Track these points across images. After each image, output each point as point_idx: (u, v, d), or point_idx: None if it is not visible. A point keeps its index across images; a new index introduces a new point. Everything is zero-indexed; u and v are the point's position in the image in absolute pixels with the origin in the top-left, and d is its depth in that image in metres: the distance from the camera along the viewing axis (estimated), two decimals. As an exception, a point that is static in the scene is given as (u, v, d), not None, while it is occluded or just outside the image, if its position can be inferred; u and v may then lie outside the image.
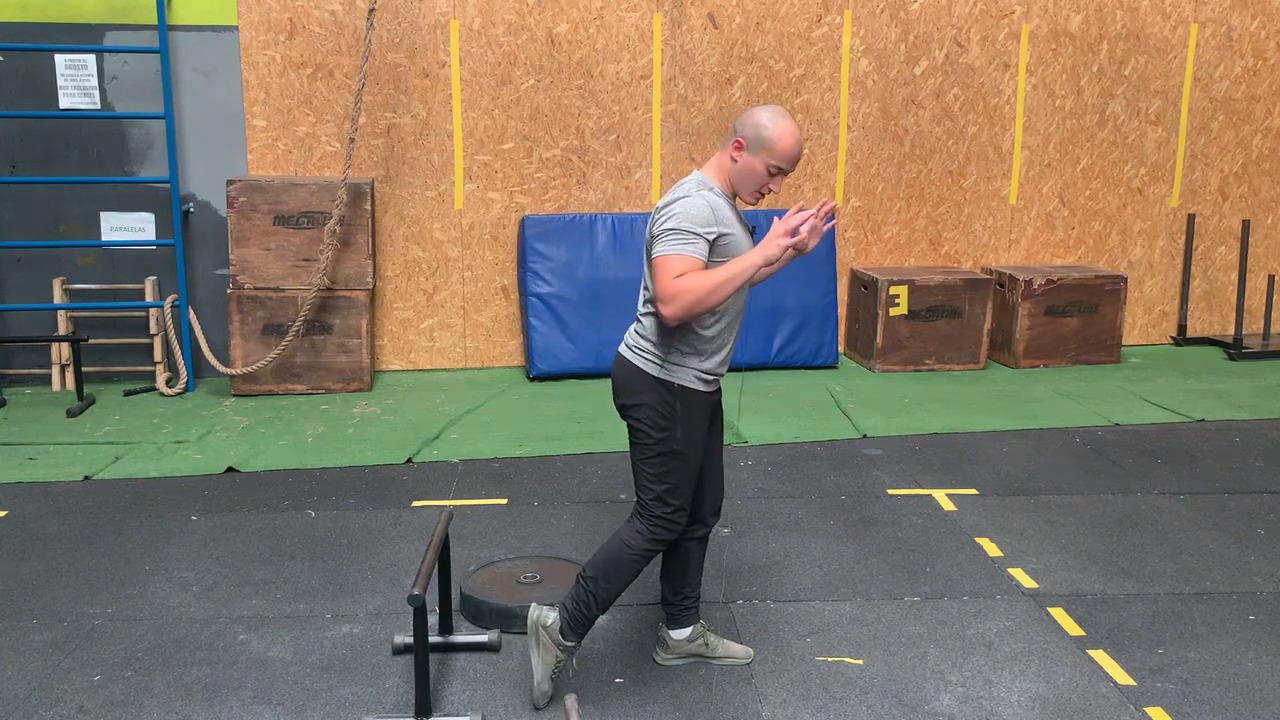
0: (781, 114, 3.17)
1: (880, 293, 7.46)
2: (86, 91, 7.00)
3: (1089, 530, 4.78)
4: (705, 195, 3.14)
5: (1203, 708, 3.40)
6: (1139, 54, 8.04)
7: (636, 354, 3.28)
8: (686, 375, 3.24)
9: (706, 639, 3.64)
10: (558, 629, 3.35)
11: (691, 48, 7.51)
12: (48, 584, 4.24)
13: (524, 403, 6.81)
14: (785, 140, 3.13)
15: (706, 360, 3.26)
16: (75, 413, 6.51)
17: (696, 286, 3.01)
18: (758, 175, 3.17)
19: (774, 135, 3.12)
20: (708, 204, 3.11)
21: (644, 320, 3.28)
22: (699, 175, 3.24)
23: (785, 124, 3.14)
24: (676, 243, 3.06)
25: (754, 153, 3.15)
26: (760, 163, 3.15)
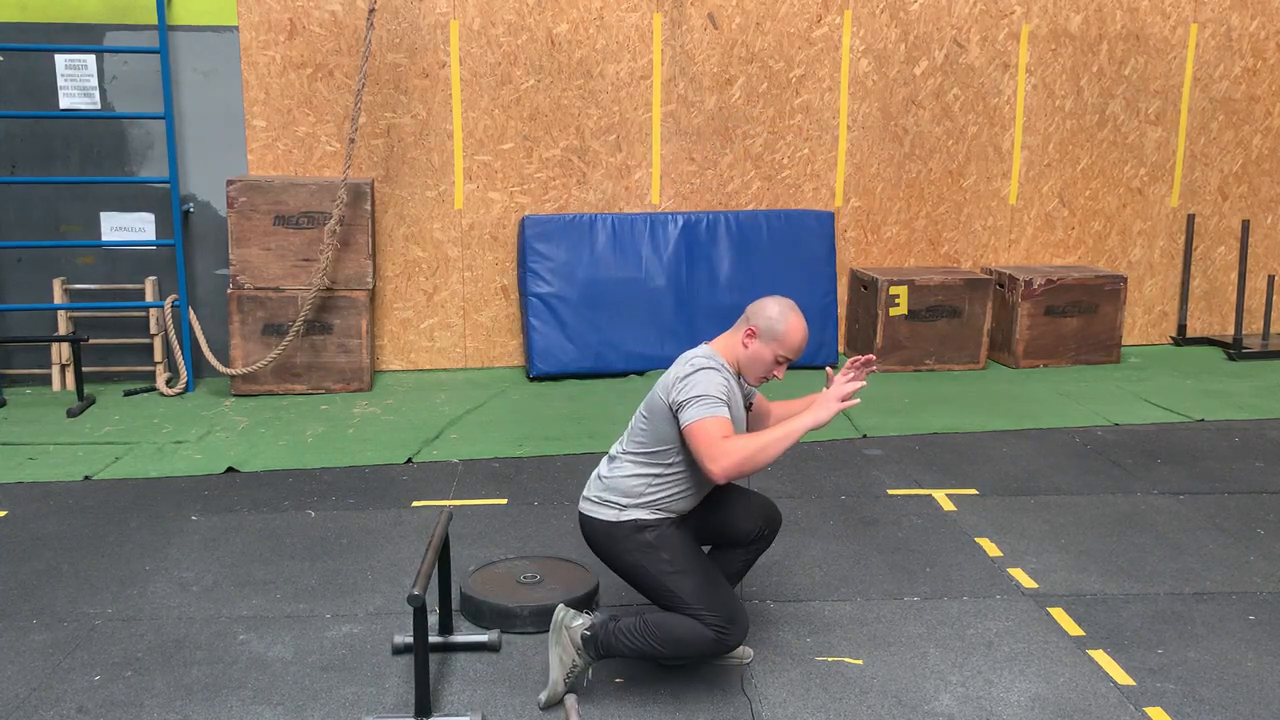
0: (791, 307, 3.40)
1: (880, 293, 7.46)
2: (86, 91, 7.00)
3: (1089, 530, 4.78)
4: (720, 371, 3.33)
5: (1203, 708, 3.40)
6: (1139, 54, 8.04)
7: (603, 507, 3.44)
8: (644, 513, 3.39)
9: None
10: (580, 635, 3.36)
11: (691, 48, 7.51)
12: (48, 584, 4.24)
13: (524, 403, 6.81)
14: (795, 335, 3.38)
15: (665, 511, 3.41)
16: (75, 413, 6.51)
17: (746, 445, 3.19)
18: (765, 363, 3.38)
19: (784, 330, 3.36)
20: (724, 379, 3.31)
21: (614, 465, 3.45)
22: (708, 349, 3.42)
23: (795, 318, 3.38)
24: (708, 406, 3.23)
25: (765, 342, 3.37)
26: (770, 352, 3.37)
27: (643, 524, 3.38)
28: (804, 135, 7.76)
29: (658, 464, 3.37)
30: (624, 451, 3.46)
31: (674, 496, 3.41)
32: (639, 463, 3.40)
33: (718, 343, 3.46)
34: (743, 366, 3.42)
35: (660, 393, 3.36)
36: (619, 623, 3.36)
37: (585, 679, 3.42)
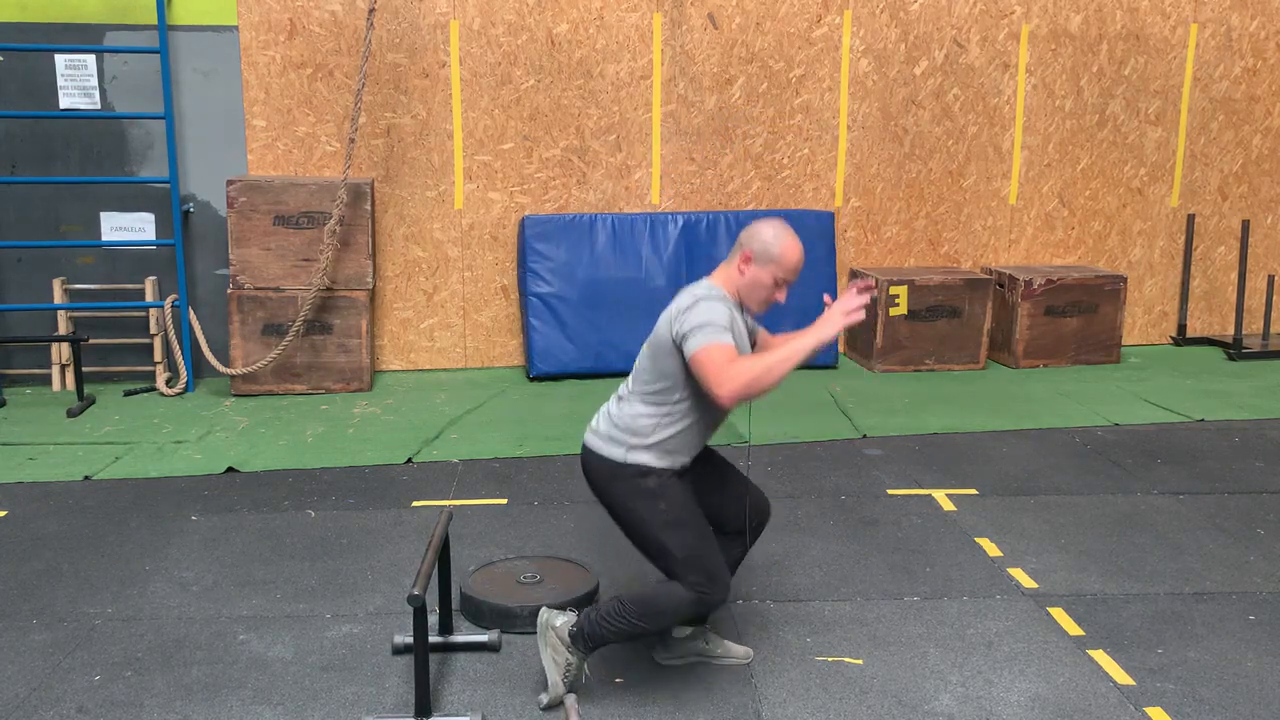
0: (784, 228, 3.35)
1: (880, 293, 7.46)
2: (86, 91, 7.00)
3: (1089, 530, 4.78)
4: (721, 299, 3.29)
5: (1203, 708, 3.40)
6: (1139, 54, 8.04)
7: (608, 443, 3.40)
8: (657, 459, 3.34)
9: (706, 638, 3.64)
10: (566, 631, 3.35)
11: (691, 48, 7.51)
12: (48, 584, 4.24)
13: (524, 403, 6.81)
14: (791, 255, 3.33)
15: (677, 454, 3.36)
16: (75, 413, 6.51)
17: (752, 367, 3.14)
18: (765, 287, 3.34)
19: (780, 251, 3.31)
20: (724, 307, 3.26)
21: (623, 404, 3.41)
22: (708, 283, 3.37)
23: (789, 239, 3.33)
24: (712, 333, 3.18)
25: (762, 265, 3.32)
26: (768, 275, 3.32)
27: (647, 469, 3.33)
28: (804, 135, 7.76)
29: (665, 402, 3.32)
30: (630, 391, 3.41)
31: (680, 435, 3.34)
32: (647, 402, 3.34)
33: (716, 275, 3.40)
34: (743, 295, 3.36)
35: (663, 327, 3.32)
36: (599, 610, 3.36)
37: (584, 675, 3.42)
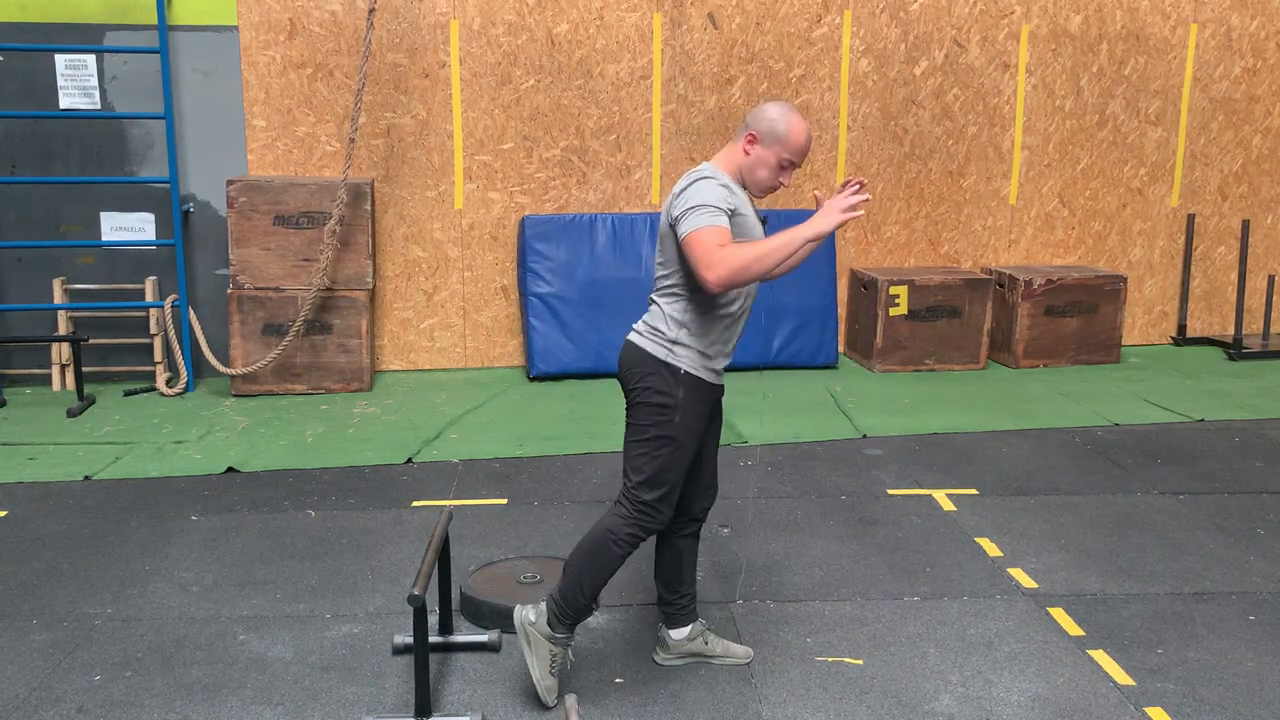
0: (792, 109, 3.27)
1: (880, 293, 7.46)
2: (86, 91, 7.00)
3: (1089, 530, 4.78)
4: (719, 176, 3.23)
5: (1203, 708, 3.40)
6: (1139, 54, 8.04)
7: (645, 338, 3.32)
8: (692, 362, 3.27)
9: (706, 638, 3.63)
10: (545, 621, 3.35)
11: (691, 48, 7.51)
12: (48, 584, 4.24)
13: (524, 403, 6.81)
14: (798, 135, 3.24)
15: (712, 348, 3.29)
16: (75, 413, 6.51)
17: (742, 253, 3.06)
18: (770, 167, 3.26)
19: (786, 129, 3.22)
20: (723, 184, 3.20)
21: (658, 303, 3.32)
22: (709, 164, 3.31)
23: (796, 119, 3.25)
24: (705, 216, 3.10)
25: (767, 146, 3.23)
26: (773, 155, 3.24)
27: (682, 377, 3.24)
28: (804, 135, 7.75)
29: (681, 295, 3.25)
30: (653, 293, 3.37)
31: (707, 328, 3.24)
32: (666, 297, 3.29)
33: (719, 157, 3.33)
34: (746, 176, 3.28)
35: (664, 214, 3.27)
36: (557, 585, 3.38)
37: (569, 661, 3.44)
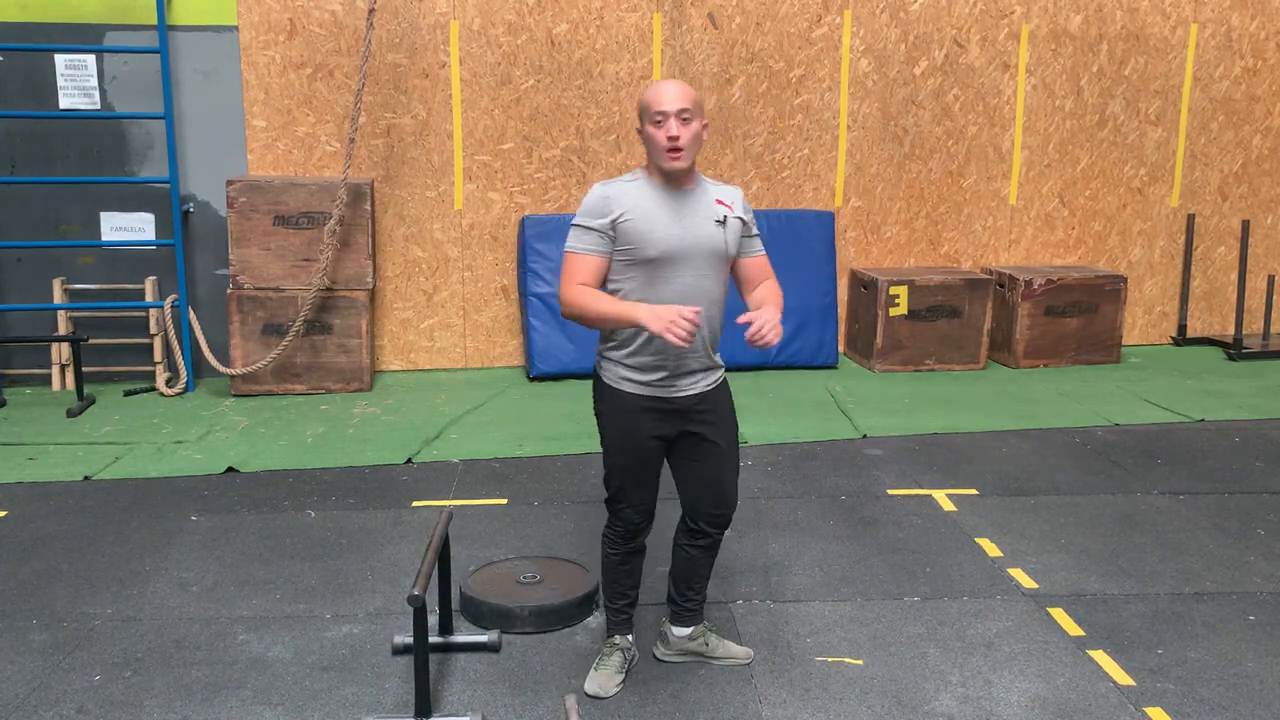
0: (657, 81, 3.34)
1: (880, 293, 7.46)
2: (86, 91, 7.00)
3: (1089, 530, 4.78)
4: (606, 185, 3.28)
5: (1203, 708, 3.40)
6: (1139, 54, 8.04)
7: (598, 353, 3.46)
8: (611, 374, 3.34)
9: (708, 639, 3.64)
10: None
11: (691, 48, 7.51)
12: (48, 584, 4.24)
13: (524, 403, 6.81)
14: (651, 92, 3.25)
15: (633, 359, 3.29)
16: (75, 413, 6.51)
17: (586, 307, 3.20)
18: (651, 136, 3.25)
19: (646, 96, 3.26)
20: (601, 194, 3.25)
21: None
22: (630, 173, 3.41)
23: (656, 83, 3.31)
24: (573, 237, 3.26)
25: (644, 121, 3.27)
26: (649, 123, 3.25)
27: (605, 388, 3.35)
28: (804, 135, 7.76)
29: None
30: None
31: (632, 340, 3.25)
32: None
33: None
34: (654, 160, 3.28)
35: None
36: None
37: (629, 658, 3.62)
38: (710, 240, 3.26)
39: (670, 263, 3.22)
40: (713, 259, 3.27)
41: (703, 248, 3.25)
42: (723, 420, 3.41)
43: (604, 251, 3.23)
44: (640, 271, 3.23)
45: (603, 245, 3.22)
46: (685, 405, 3.33)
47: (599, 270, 3.24)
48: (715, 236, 3.27)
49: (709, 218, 3.27)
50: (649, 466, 3.38)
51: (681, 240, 3.22)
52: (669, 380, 3.29)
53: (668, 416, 3.32)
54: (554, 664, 3.65)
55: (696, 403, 3.34)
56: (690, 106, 3.22)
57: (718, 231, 3.27)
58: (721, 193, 3.37)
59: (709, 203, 3.31)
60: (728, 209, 3.31)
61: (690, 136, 3.23)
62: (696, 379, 3.33)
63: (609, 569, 3.56)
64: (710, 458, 3.41)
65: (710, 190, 3.36)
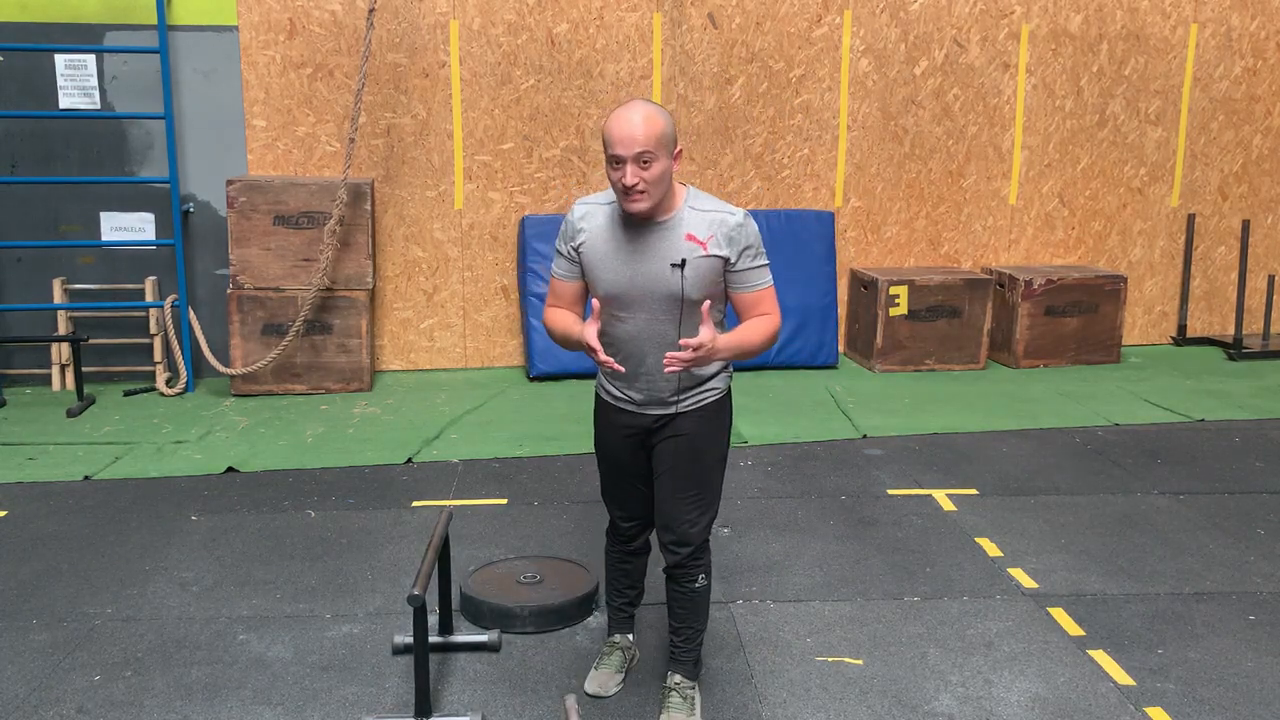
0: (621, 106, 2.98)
1: (880, 293, 7.46)
2: (86, 91, 7.00)
3: (1089, 530, 4.78)
4: (582, 203, 3.16)
5: (1203, 708, 3.40)
6: (1139, 54, 8.04)
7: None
8: (599, 380, 3.38)
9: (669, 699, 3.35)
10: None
11: (691, 48, 7.51)
12: (48, 584, 4.24)
13: (524, 403, 6.81)
14: (608, 123, 2.94)
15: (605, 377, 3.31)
16: (75, 413, 6.51)
17: (552, 328, 3.25)
18: (611, 177, 2.98)
19: (604, 126, 2.95)
20: (572, 215, 3.16)
21: None
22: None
23: (615, 112, 2.96)
24: (554, 261, 3.25)
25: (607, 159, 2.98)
26: (607, 159, 2.97)
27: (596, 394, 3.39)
28: (804, 135, 7.76)
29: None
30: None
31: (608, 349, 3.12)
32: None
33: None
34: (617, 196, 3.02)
35: None
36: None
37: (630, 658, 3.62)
38: (663, 284, 3.01)
39: (619, 303, 3.07)
40: (665, 303, 3.03)
41: (654, 292, 3.03)
42: (685, 445, 3.19)
43: (573, 276, 3.17)
44: (601, 304, 3.08)
45: (572, 271, 3.17)
46: (647, 425, 3.23)
47: (572, 293, 3.19)
48: (670, 281, 3.00)
49: (666, 259, 3.00)
50: (626, 474, 3.34)
51: (630, 284, 3.04)
52: (634, 405, 3.23)
53: (636, 431, 3.26)
54: (554, 664, 3.65)
55: (658, 424, 3.21)
56: (652, 147, 2.89)
57: (672, 276, 3.00)
58: (704, 222, 3.02)
59: (676, 239, 3.01)
60: (700, 246, 2.99)
61: (653, 179, 2.92)
62: (662, 407, 3.19)
63: (609, 565, 3.59)
64: (663, 479, 3.24)
65: (688, 220, 3.03)
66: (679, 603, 3.33)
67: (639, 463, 3.31)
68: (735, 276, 3.08)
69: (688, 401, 3.18)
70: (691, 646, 3.36)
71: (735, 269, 3.06)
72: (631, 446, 3.29)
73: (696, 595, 3.30)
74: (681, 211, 3.05)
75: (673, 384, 3.15)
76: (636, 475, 3.34)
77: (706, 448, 3.22)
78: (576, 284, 3.18)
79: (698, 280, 3.03)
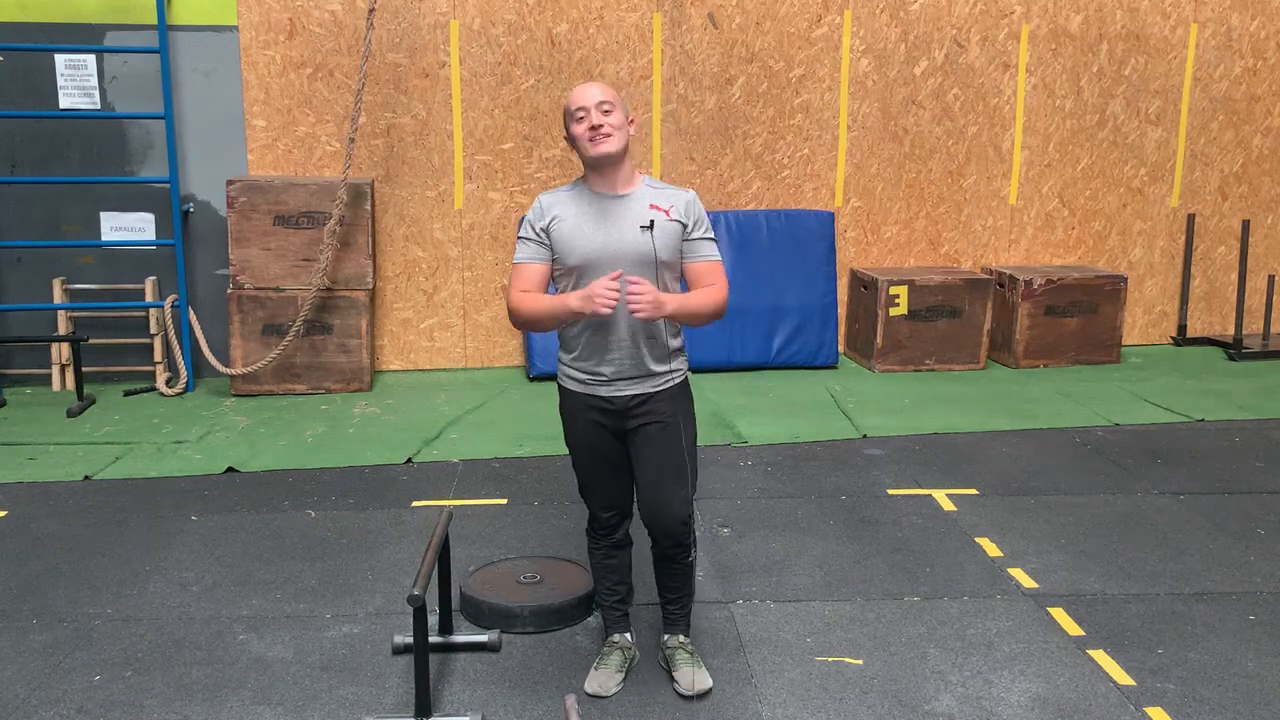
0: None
1: (880, 293, 7.46)
2: (86, 91, 7.00)
3: (1089, 530, 4.78)
4: (547, 194, 3.37)
5: (1203, 708, 3.40)
6: (1139, 54, 8.04)
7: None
8: (562, 373, 3.44)
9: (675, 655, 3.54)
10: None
11: (691, 48, 7.51)
12: (48, 584, 4.24)
13: (524, 403, 6.81)
14: (568, 97, 3.30)
15: (570, 355, 3.40)
16: (75, 413, 6.51)
17: (526, 309, 3.28)
18: (575, 134, 3.28)
19: (565, 104, 3.31)
20: (539, 204, 3.35)
21: None
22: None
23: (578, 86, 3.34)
24: (517, 250, 3.37)
25: (567, 127, 3.32)
26: (571, 123, 3.29)
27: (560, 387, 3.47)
28: (804, 135, 7.76)
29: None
30: None
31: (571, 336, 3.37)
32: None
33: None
34: (581, 154, 3.31)
35: None
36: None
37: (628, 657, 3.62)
38: (634, 247, 3.25)
39: (593, 269, 3.24)
40: (638, 265, 3.23)
41: (627, 254, 3.24)
42: (661, 425, 3.36)
43: (542, 258, 3.32)
44: (569, 279, 3.31)
45: (541, 253, 3.31)
46: (622, 406, 3.36)
47: (539, 276, 3.32)
48: (640, 243, 3.25)
49: (636, 223, 3.27)
50: (601, 462, 3.46)
51: (604, 247, 3.25)
52: (606, 382, 3.35)
53: (607, 415, 3.39)
54: (554, 664, 3.65)
55: (633, 404, 3.36)
56: (610, 99, 3.25)
57: (643, 238, 3.25)
58: (663, 196, 3.33)
59: (640, 208, 3.29)
60: (663, 212, 3.28)
61: (615, 123, 3.24)
62: (632, 383, 3.35)
63: (595, 565, 3.65)
64: (645, 462, 3.38)
65: (648, 195, 3.32)
66: (671, 576, 3.55)
67: (613, 449, 3.44)
68: (689, 245, 3.36)
69: (658, 382, 3.36)
70: (686, 611, 3.63)
71: (690, 238, 3.35)
72: (604, 433, 3.42)
73: (688, 569, 3.55)
74: (641, 189, 3.35)
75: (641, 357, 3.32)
76: (611, 462, 3.46)
77: (682, 425, 3.42)
78: (544, 266, 3.32)
79: (666, 241, 3.29)
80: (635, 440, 3.39)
